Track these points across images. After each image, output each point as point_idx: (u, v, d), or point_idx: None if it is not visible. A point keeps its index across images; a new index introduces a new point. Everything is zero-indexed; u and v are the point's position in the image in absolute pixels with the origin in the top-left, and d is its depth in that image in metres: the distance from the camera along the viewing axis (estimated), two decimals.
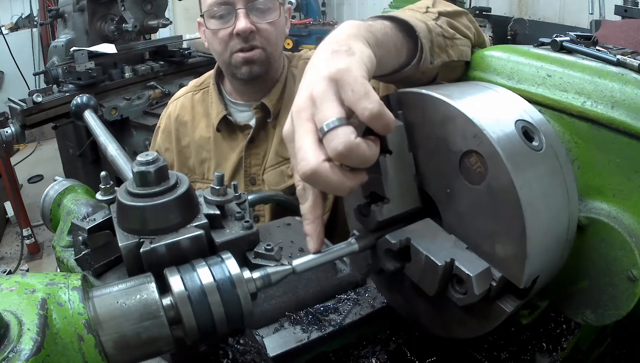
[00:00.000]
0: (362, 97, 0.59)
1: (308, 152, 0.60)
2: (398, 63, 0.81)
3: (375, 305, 0.86)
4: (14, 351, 0.45)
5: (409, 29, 0.81)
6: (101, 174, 0.70)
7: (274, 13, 1.49)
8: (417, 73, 0.83)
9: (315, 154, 0.60)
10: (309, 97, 0.63)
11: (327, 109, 0.60)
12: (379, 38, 0.74)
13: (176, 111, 1.72)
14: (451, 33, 0.88)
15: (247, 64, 1.48)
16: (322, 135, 0.60)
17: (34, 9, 6.89)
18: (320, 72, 0.63)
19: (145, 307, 0.54)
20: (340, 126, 0.59)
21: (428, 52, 0.81)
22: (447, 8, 0.93)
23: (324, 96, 0.61)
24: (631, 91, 0.69)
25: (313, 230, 0.67)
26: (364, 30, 0.71)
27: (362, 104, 0.59)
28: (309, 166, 0.60)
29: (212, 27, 1.48)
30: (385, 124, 0.61)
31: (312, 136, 0.61)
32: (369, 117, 0.59)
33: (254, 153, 1.58)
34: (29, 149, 6.65)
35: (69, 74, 3.59)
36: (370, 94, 0.60)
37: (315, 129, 0.61)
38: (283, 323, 0.83)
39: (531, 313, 0.77)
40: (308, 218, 0.68)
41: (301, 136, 0.62)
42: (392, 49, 0.77)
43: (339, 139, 0.58)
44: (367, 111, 0.59)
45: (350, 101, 0.60)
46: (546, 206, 0.63)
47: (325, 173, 0.60)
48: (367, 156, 0.60)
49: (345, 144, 0.58)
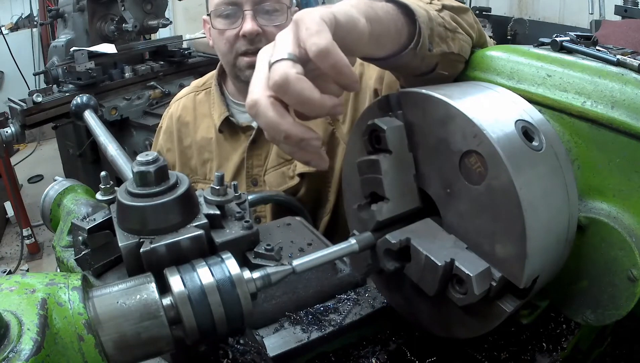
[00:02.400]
0: (312, 34, 0.59)
1: (256, 85, 0.61)
2: (398, 44, 0.80)
3: (375, 305, 0.86)
4: (14, 351, 0.45)
5: (410, 12, 0.80)
6: (101, 174, 0.70)
7: (281, 16, 1.48)
8: (416, 59, 0.83)
9: (261, 87, 0.61)
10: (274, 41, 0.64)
11: (281, 46, 0.61)
12: (380, 14, 0.74)
13: (178, 111, 1.72)
14: (453, 26, 0.88)
15: (251, 67, 1.48)
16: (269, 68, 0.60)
17: (34, 9, 6.88)
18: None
19: (145, 307, 0.54)
20: (284, 59, 0.59)
21: (427, 38, 0.81)
22: (452, 3, 0.93)
23: (283, 35, 0.63)
24: (631, 91, 0.69)
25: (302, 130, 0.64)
26: (364, 4, 0.71)
27: (311, 40, 0.59)
28: (251, 97, 0.61)
29: (218, 27, 1.48)
30: (332, 63, 0.59)
31: (264, 73, 0.62)
32: (315, 53, 0.59)
33: (256, 154, 1.58)
34: (29, 149, 6.65)
35: (69, 74, 3.58)
36: (322, 31, 0.59)
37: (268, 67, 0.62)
38: (283, 323, 0.83)
39: (531, 313, 0.77)
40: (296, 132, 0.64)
41: (256, 72, 0.63)
42: (392, 28, 0.77)
43: (278, 70, 0.58)
44: (314, 47, 0.59)
45: (303, 39, 0.60)
46: (546, 206, 0.63)
47: (265, 106, 0.60)
48: (307, 95, 0.59)
49: (282, 74, 0.58)
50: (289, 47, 0.61)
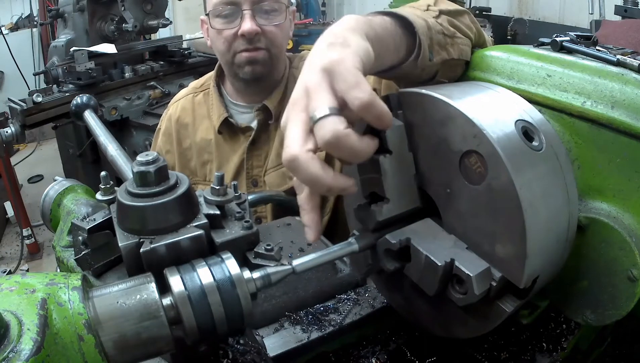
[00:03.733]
0: (353, 87, 0.59)
1: (294, 139, 0.60)
2: (397, 58, 0.81)
3: (375, 305, 0.86)
4: (14, 351, 0.45)
5: (408, 25, 0.80)
6: (101, 174, 0.70)
7: (279, 16, 1.48)
8: (416, 70, 0.83)
9: (300, 142, 0.60)
10: (304, 89, 0.63)
11: (319, 99, 0.60)
12: (378, 32, 0.73)
13: (177, 113, 1.72)
14: (452, 31, 0.88)
15: (250, 63, 1.48)
16: (313, 124, 0.60)
17: (34, 9, 6.88)
18: (314, 65, 0.63)
19: (145, 307, 0.54)
20: (330, 115, 0.58)
21: (427, 48, 0.81)
22: (448, 7, 0.92)
23: (317, 86, 0.61)
24: (631, 91, 0.69)
25: (311, 219, 0.67)
26: (363, 24, 0.71)
27: (353, 94, 0.59)
28: (290, 152, 0.60)
29: (216, 27, 1.48)
30: (377, 114, 0.60)
31: (301, 126, 0.61)
32: (359, 107, 0.59)
33: (256, 155, 1.58)
34: (29, 149, 6.65)
35: (69, 74, 3.59)
36: (361, 83, 0.59)
37: (307, 119, 0.61)
38: (283, 323, 0.83)
39: (531, 313, 0.77)
40: (305, 208, 0.67)
41: (291, 125, 0.62)
42: (391, 44, 0.77)
43: (328, 127, 0.58)
44: (357, 101, 0.58)
45: (342, 91, 0.60)
46: (546, 206, 0.63)
47: (306, 161, 0.59)
48: (357, 149, 0.59)
49: (333, 132, 0.57)
50: (328, 100, 0.60)
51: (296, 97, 0.64)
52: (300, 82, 0.64)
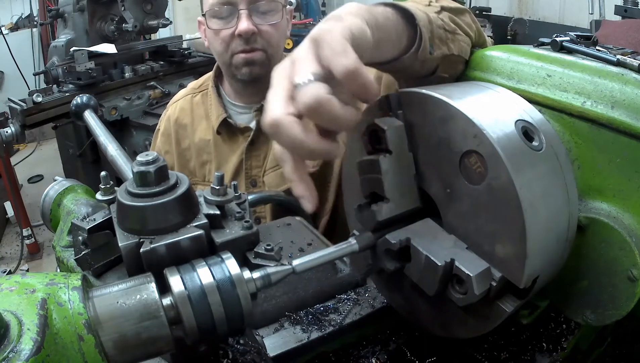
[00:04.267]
0: (338, 54, 0.58)
1: (275, 103, 0.60)
2: (398, 49, 0.80)
3: (375, 305, 0.86)
4: (14, 351, 0.45)
5: (410, 16, 0.80)
6: (101, 174, 0.70)
7: (276, 15, 1.48)
8: (417, 63, 0.83)
9: (281, 106, 0.59)
10: (290, 58, 0.63)
11: (303, 66, 0.60)
12: (380, 20, 0.73)
13: (175, 113, 1.72)
14: (452, 27, 0.88)
15: (247, 65, 1.48)
16: (295, 90, 0.59)
17: (34, 9, 6.89)
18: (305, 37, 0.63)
19: (145, 307, 0.54)
20: (313, 80, 0.58)
21: (427, 41, 0.81)
22: (450, 4, 0.92)
23: (303, 54, 0.61)
24: (631, 91, 0.69)
25: (303, 189, 0.66)
26: (364, 10, 0.71)
27: (337, 60, 0.58)
28: (270, 115, 0.59)
29: (213, 27, 1.48)
30: (361, 83, 0.59)
31: (284, 92, 0.60)
32: (343, 74, 0.58)
33: (255, 155, 1.58)
34: (29, 149, 6.65)
35: (69, 74, 3.59)
36: (347, 51, 0.59)
37: (289, 86, 0.61)
38: (283, 323, 0.83)
39: (531, 313, 0.77)
40: (294, 178, 0.66)
41: (273, 90, 0.61)
42: (392, 33, 0.77)
43: (309, 92, 0.57)
44: (341, 67, 0.58)
45: (327, 59, 0.59)
46: (546, 206, 0.63)
47: (288, 124, 0.58)
48: (339, 114, 0.58)
49: (314, 96, 0.57)
50: (312, 66, 0.59)
51: (282, 66, 0.63)
52: (289, 55, 0.64)
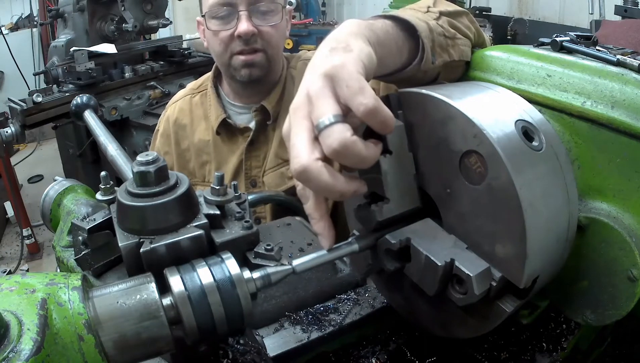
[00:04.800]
0: (357, 93, 0.59)
1: (301, 149, 0.60)
2: (400, 62, 0.80)
3: (375, 305, 0.86)
4: (14, 351, 0.45)
5: (410, 28, 0.80)
6: (101, 174, 0.70)
7: (276, 16, 1.48)
8: (419, 73, 0.83)
9: (307, 152, 0.59)
10: (306, 95, 0.62)
11: (323, 106, 0.60)
12: (380, 36, 0.73)
13: (174, 114, 1.72)
14: (452, 33, 0.88)
15: (247, 66, 1.48)
16: (318, 132, 0.59)
17: (34, 9, 6.89)
18: (317, 70, 0.63)
19: (145, 307, 0.54)
20: (335, 123, 0.58)
21: (430, 52, 0.81)
22: (448, 8, 0.92)
23: (320, 93, 0.61)
24: (631, 91, 0.69)
25: (322, 227, 0.67)
26: (365, 28, 0.71)
27: (357, 100, 0.58)
28: (300, 163, 0.59)
29: (213, 28, 1.48)
30: (381, 120, 0.60)
31: (307, 134, 0.61)
32: (364, 113, 0.58)
33: (254, 156, 1.58)
34: (29, 149, 6.65)
35: (69, 74, 3.59)
36: (365, 89, 0.59)
37: (311, 127, 0.61)
38: (283, 323, 0.83)
39: (531, 313, 0.77)
40: (314, 216, 0.67)
41: (296, 133, 0.61)
42: (393, 47, 0.77)
43: (334, 136, 0.57)
44: (362, 106, 0.58)
45: (346, 97, 0.59)
46: (546, 206, 0.63)
47: (317, 171, 0.59)
48: (364, 156, 0.59)
49: (340, 141, 0.57)
50: (332, 107, 0.59)
51: (298, 103, 0.63)
52: (302, 88, 0.64)
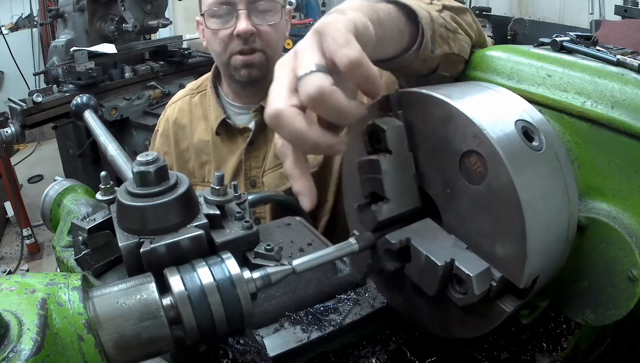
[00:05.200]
0: (342, 45, 0.58)
1: (277, 94, 0.59)
2: (400, 47, 0.80)
3: (375, 305, 0.86)
4: (14, 351, 0.45)
5: (412, 14, 0.80)
6: (101, 174, 0.70)
7: (275, 15, 1.48)
8: (418, 61, 0.83)
9: (283, 97, 0.59)
10: (293, 51, 0.63)
11: (306, 57, 0.59)
12: (382, 17, 0.73)
13: (174, 114, 1.72)
14: (454, 27, 0.88)
15: (246, 67, 1.48)
16: (298, 81, 0.59)
17: (34, 9, 6.88)
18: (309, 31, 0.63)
19: (145, 307, 0.54)
20: (316, 71, 0.58)
21: (429, 39, 0.81)
22: (451, 3, 0.92)
23: (306, 46, 0.61)
24: (631, 91, 0.69)
25: (302, 186, 0.65)
26: (367, 7, 0.71)
27: (341, 51, 0.58)
28: (273, 106, 0.59)
29: (212, 27, 1.48)
30: (366, 75, 0.59)
31: (286, 82, 0.60)
32: (348, 65, 0.57)
33: (254, 156, 1.58)
34: (29, 149, 6.65)
35: (69, 74, 3.59)
36: (351, 42, 0.58)
37: (292, 77, 0.60)
38: (283, 323, 0.83)
39: (531, 313, 0.77)
40: (294, 174, 0.65)
41: (276, 82, 0.61)
42: (394, 30, 0.77)
43: (312, 82, 0.57)
44: (345, 58, 0.57)
45: (331, 50, 0.59)
46: (546, 206, 0.63)
47: (291, 116, 0.58)
48: (343, 107, 0.58)
49: (317, 87, 0.56)
50: (315, 58, 0.59)
51: (284, 58, 0.63)
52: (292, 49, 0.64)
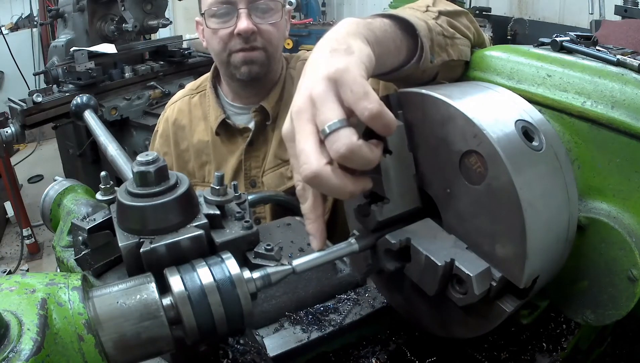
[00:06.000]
0: (361, 98, 0.59)
1: (310, 155, 0.60)
2: (398, 61, 0.81)
3: (375, 305, 0.86)
4: (14, 351, 0.45)
5: (409, 27, 0.80)
6: (101, 174, 0.70)
7: (275, 14, 1.48)
8: (417, 72, 0.83)
9: (317, 157, 0.60)
10: (309, 97, 0.63)
11: (328, 111, 0.60)
12: (378, 35, 0.73)
13: (174, 115, 1.72)
14: (451, 32, 0.88)
15: (246, 64, 1.48)
16: (324, 137, 0.60)
17: (34, 9, 6.89)
18: (319, 72, 0.63)
19: (145, 307, 0.54)
20: (341, 127, 0.59)
21: (428, 51, 0.81)
22: (447, 7, 0.92)
23: (324, 96, 0.61)
24: (631, 91, 0.69)
25: (316, 229, 0.68)
26: (363, 27, 0.71)
27: (361, 104, 0.59)
28: (311, 169, 0.60)
29: (212, 26, 1.48)
30: (385, 124, 0.61)
31: (313, 138, 0.61)
32: (368, 118, 0.59)
33: (254, 156, 1.58)
34: (29, 149, 6.65)
35: (69, 74, 3.59)
36: (369, 93, 0.59)
37: (316, 131, 0.61)
38: (283, 323, 0.83)
39: (531, 313, 0.77)
40: (310, 217, 0.68)
41: (302, 138, 0.62)
42: (391, 46, 0.77)
43: (341, 141, 0.58)
44: (366, 111, 0.59)
45: (350, 102, 0.60)
46: (546, 206, 0.63)
47: (327, 176, 0.60)
48: (369, 158, 0.60)
49: (347, 146, 0.58)
50: (337, 112, 0.60)
51: (301, 106, 0.63)
52: (303, 90, 0.64)
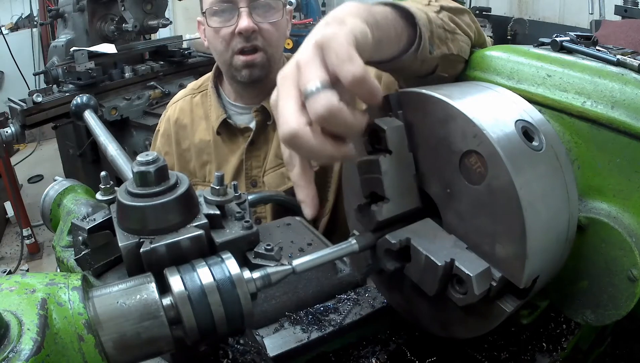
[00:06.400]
0: (345, 61, 0.59)
1: (289, 115, 0.60)
2: (397, 49, 0.80)
3: (375, 305, 0.86)
4: (14, 351, 0.45)
5: (409, 16, 0.80)
6: (101, 174, 0.70)
7: (276, 13, 1.48)
8: (416, 62, 0.83)
9: (296, 117, 0.60)
10: (295, 63, 0.63)
11: (310, 73, 0.60)
12: (379, 20, 0.73)
13: (175, 114, 1.72)
14: (452, 27, 0.88)
15: (247, 67, 1.48)
16: (305, 98, 0.60)
17: (34, 9, 6.88)
18: (308, 41, 0.63)
19: (145, 307, 0.54)
20: (323, 89, 0.59)
21: (427, 40, 0.81)
22: (449, 4, 0.92)
23: (309, 61, 0.61)
24: (631, 91, 0.69)
25: (306, 195, 0.67)
26: (364, 10, 0.71)
27: (345, 67, 0.59)
28: (289, 128, 0.60)
29: (213, 25, 1.48)
30: (369, 90, 0.60)
31: (294, 100, 0.61)
32: (352, 81, 0.59)
33: (255, 156, 1.58)
34: (29, 149, 6.65)
35: (69, 74, 3.59)
36: (354, 58, 0.59)
37: (298, 94, 0.61)
38: (283, 323, 0.83)
39: (531, 313, 0.77)
40: (299, 184, 0.67)
41: (284, 100, 0.62)
42: (392, 33, 0.77)
43: (321, 101, 0.58)
44: (349, 74, 0.58)
45: (334, 65, 0.60)
46: (546, 206, 0.63)
47: (306, 136, 0.59)
48: (350, 122, 0.60)
49: (326, 107, 0.58)
50: (320, 74, 0.60)
51: (287, 71, 0.64)
52: (293, 58, 0.64)
